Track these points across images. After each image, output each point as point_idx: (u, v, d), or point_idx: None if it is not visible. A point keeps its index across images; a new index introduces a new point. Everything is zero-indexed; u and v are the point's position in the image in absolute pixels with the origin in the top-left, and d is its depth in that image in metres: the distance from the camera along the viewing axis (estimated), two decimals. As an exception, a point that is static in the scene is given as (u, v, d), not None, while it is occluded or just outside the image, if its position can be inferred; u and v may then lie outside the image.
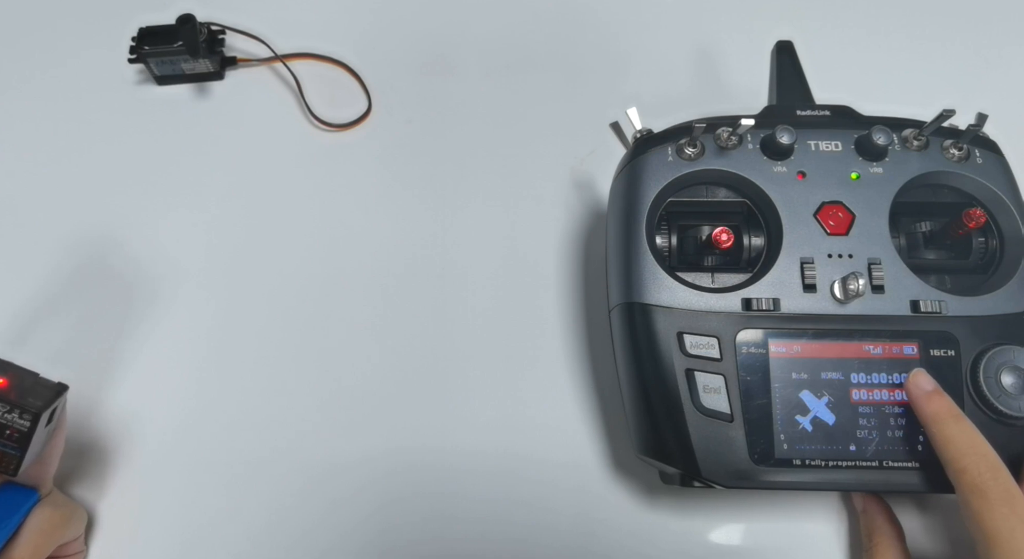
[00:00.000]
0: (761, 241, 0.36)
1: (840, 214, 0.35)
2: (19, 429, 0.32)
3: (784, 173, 0.36)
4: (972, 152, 0.37)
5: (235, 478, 0.41)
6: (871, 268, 0.35)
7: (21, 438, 0.32)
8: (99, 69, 0.52)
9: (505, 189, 0.48)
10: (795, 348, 0.34)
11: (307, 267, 0.46)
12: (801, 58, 0.42)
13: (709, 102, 0.50)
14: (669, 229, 0.37)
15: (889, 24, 0.53)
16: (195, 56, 0.49)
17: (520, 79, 0.51)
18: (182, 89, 0.51)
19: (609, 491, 0.41)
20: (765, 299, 0.34)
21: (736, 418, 0.33)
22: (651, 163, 0.37)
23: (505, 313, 0.45)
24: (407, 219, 0.47)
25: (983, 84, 0.51)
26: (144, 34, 0.49)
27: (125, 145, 0.50)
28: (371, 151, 0.49)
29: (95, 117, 0.51)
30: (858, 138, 0.36)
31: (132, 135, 0.50)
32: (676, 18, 0.54)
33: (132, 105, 0.51)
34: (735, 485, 0.33)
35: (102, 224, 0.47)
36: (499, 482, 0.41)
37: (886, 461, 0.33)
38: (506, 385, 0.43)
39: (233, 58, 0.51)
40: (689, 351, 0.34)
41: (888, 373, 0.34)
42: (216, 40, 0.51)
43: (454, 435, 0.42)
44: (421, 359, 0.44)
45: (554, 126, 0.50)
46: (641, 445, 0.36)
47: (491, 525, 0.40)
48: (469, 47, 0.53)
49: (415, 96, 0.51)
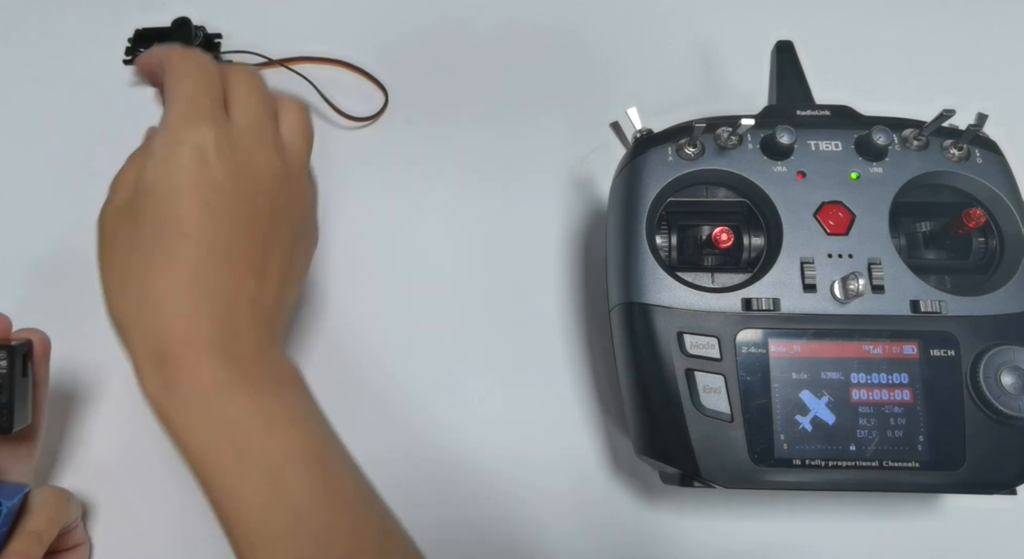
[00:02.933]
0: (761, 241, 0.36)
1: (840, 214, 0.35)
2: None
3: (784, 173, 0.36)
4: (972, 152, 0.37)
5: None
6: (871, 268, 0.35)
7: (3, 380, 0.32)
8: (94, 69, 0.52)
9: (505, 189, 0.48)
10: (795, 348, 0.34)
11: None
12: (801, 58, 0.42)
13: (709, 102, 0.50)
14: (669, 229, 0.37)
15: (889, 24, 0.53)
16: None
17: (520, 79, 0.51)
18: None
19: (609, 491, 0.41)
20: (765, 299, 0.34)
21: (736, 418, 0.33)
22: (651, 163, 0.37)
23: (505, 313, 0.45)
24: (406, 218, 0.47)
25: (983, 84, 0.51)
26: (140, 36, 0.49)
27: (121, 146, 0.50)
28: (370, 151, 0.49)
29: (89, 117, 0.51)
30: (858, 138, 0.36)
31: (128, 137, 0.50)
32: (676, 18, 0.54)
33: (126, 107, 0.51)
34: (735, 485, 0.33)
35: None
36: (499, 481, 0.41)
37: (886, 461, 0.33)
38: (506, 385, 0.43)
39: (230, 62, 0.51)
40: (689, 351, 0.34)
41: (888, 373, 0.34)
42: (213, 45, 0.51)
43: (454, 434, 0.42)
44: (420, 358, 0.44)
45: (554, 126, 0.50)
46: (641, 445, 0.36)
47: (491, 525, 0.40)
48: (469, 47, 0.53)
49: (415, 96, 0.51)
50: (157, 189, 0.30)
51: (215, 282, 0.30)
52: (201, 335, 0.29)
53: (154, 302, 0.29)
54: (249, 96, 0.32)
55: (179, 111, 0.30)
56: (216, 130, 0.31)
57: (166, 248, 0.29)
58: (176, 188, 0.30)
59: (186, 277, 0.29)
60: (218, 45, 0.51)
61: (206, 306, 0.30)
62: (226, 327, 0.30)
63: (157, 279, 0.29)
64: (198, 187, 0.30)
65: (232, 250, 0.31)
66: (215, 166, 0.30)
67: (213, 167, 0.30)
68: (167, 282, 0.29)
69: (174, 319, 0.29)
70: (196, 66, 0.32)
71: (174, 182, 0.30)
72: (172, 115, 0.31)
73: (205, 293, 0.30)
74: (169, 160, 0.30)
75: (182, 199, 0.30)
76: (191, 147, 0.30)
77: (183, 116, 0.30)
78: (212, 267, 0.30)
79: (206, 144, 0.30)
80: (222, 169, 0.30)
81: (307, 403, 0.32)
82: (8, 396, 0.32)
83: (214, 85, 0.32)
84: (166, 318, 0.29)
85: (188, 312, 0.29)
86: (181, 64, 0.32)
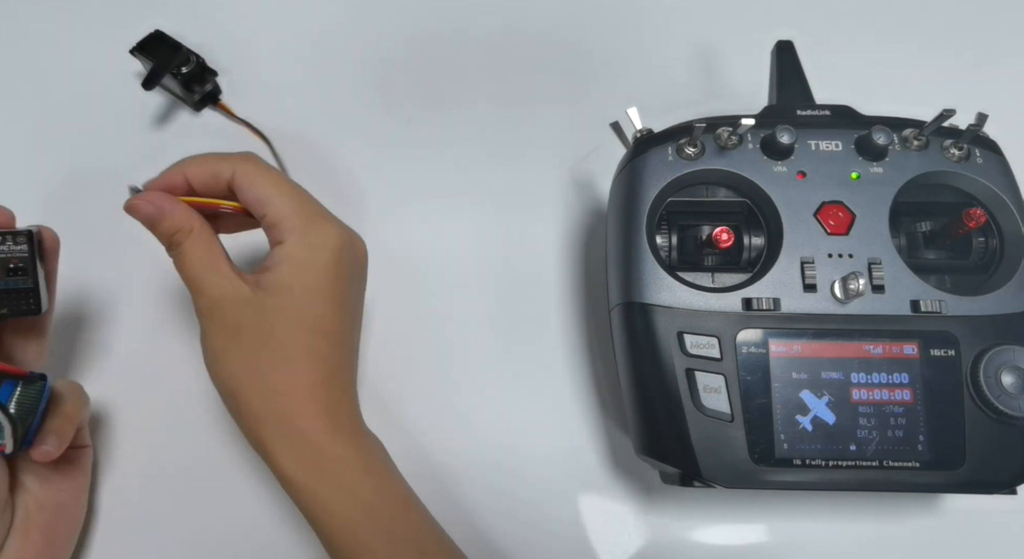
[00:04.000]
0: (761, 241, 0.36)
1: (840, 214, 0.35)
2: (19, 256, 0.32)
3: (784, 173, 0.36)
4: (972, 152, 0.37)
5: (235, 476, 0.41)
6: (871, 268, 0.35)
7: (27, 263, 0.33)
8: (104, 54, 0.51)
9: (505, 189, 0.48)
10: (795, 348, 0.34)
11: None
12: (801, 58, 0.42)
13: (709, 102, 0.50)
14: (669, 229, 0.37)
15: (889, 24, 0.53)
16: (161, 77, 0.47)
17: (520, 79, 0.51)
18: (164, 98, 0.51)
19: (609, 491, 0.41)
20: (765, 299, 0.34)
21: (736, 418, 0.33)
22: (651, 163, 0.37)
23: (505, 313, 0.45)
24: (406, 218, 0.47)
25: (983, 84, 0.51)
26: (154, 38, 0.48)
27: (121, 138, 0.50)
28: (370, 150, 0.49)
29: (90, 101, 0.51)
30: (858, 138, 0.36)
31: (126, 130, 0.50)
32: (676, 18, 0.54)
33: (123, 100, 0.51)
34: (735, 485, 0.33)
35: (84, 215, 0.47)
36: (499, 481, 0.41)
37: (886, 461, 0.33)
38: (506, 385, 0.43)
39: (215, 97, 0.50)
40: (689, 351, 0.34)
41: (888, 373, 0.34)
42: (205, 77, 0.49)
43: (454, 434, 0.42)
44: (420, 358, 0.44)
45: (554, 126, 0.50)
46: (641, 445, 0.36)
47: (491, 524, 0.40)
48: (469, 47, 0.52)
49: (415, 96, 0.51)
50: (295, 289, 0.32)
51: (341, 371, 0.33)
52: (335, 421, 0.32)
53: (291, 394, 0.32)
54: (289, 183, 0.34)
55: (299, 213, 0.33)
56: (340, 228, 0.34)
57: (303, 345, 0.32)
58: (316, 288, 0.32)
59: (322, 372, 0.32)
60: (214, 82, 0.50)
61: (336, 393, 0.33)
62: (342, 405, 0.33)
63: (295, 373, 0.32)
64: (335, 285, 0.32)
65: (350, 338, 0.34)
66: (343, 263, 0.33)
67: (343, 265, 0.33)
68: (306, 377, 0.32)
69: (314, 409, 0.32)
70: (277, 174, 0.34)
71: (313, 282, 0.32)
72: (293, 218, 0.32)
73: (336, 383, 0.33)
74: (307, 261, 0.32)
75: (321, 299, 0.32)
76: (329, 250, 0.32)
77: (307, 218, 0.33)
78: (342, 358, 0.33)
79: (338, 244, 0.33)
80: (346, 264, 0.33)
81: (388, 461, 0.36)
82: (33, 280, 0.33)
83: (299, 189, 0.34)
84: (307, 408, 0.32)
85: (325, 402, 0.32)
86: (267, 173, 0.33)
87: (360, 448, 0.33)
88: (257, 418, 0.32)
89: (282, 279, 0.32)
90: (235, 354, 0.32)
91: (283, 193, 0.33)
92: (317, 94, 0.51)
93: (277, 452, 0.31)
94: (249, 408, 0.32)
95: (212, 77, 0.49)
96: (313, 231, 0.32)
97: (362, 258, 0.36)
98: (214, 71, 0.49)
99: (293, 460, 0.31)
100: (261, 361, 0.32)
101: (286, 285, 0.32)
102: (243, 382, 0.32)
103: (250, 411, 0.32)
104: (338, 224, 0.34)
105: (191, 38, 0.49)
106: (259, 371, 0.32)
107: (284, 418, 0.31)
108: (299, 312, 0.32)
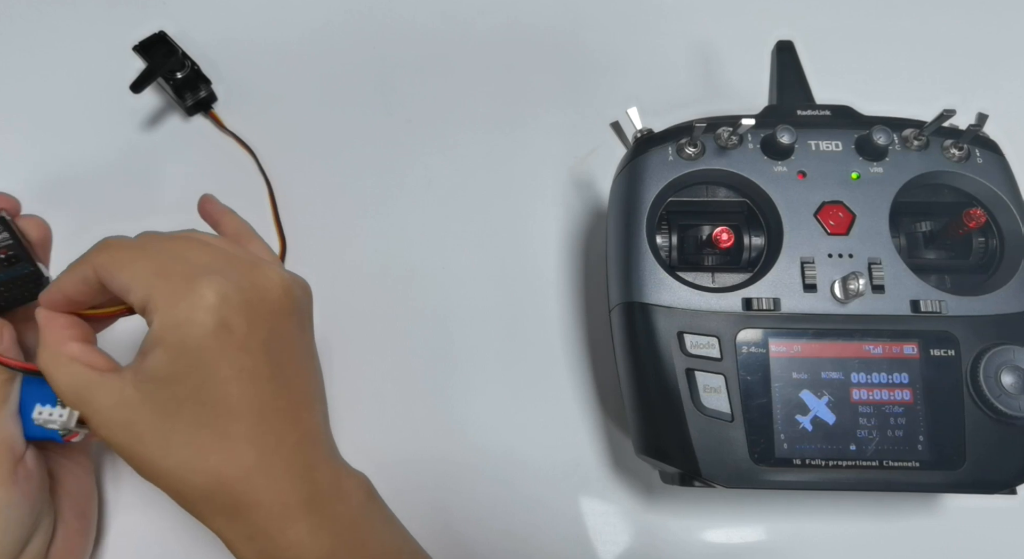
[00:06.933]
0: (761, 241, 0.36)
1: (840, 214, 0.35)
2: (4, 244, 0.32)
3: (784, 173, 0.36)
4: (972, 152, 0.37)
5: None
6: (871, 268, 0.35)
7: (15, 248, 0.32)
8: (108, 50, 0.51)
9: (505, 189, 0.48)
10: (795, 348, 0.34)
11: (306, 266, 0.46)
12: (801, 58, 0.42)
13: (709, 102, 0.51)
14: (669, 229, 0.37)
15: (889, 24, 0.53)
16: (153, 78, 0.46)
17: (520, 79, 0.51)
18: (158, 98, 0.50)
19: (609, 491, 0.41)
20: (765, 299, 0.34)
21: (736, 418, 0.33)
22: (651, 163, 0.37)
23: (505, 313, 0.45)
24: (406, 218, 0.47)
25: (983, 84, 0.51)
26: (156, 39, 0.48)
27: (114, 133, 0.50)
28: (370, 151, 0.49)
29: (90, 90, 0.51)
30: (858, 138, 0.36)
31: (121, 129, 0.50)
32: (676, 18, 0.54)
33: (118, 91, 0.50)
34: (735, 485, 0.33)
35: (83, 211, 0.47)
36: (499, 481, 0.41)
37: (886, 461, 0.33)
38: (506, 385, 0.43)
39: (208, 105, 0.49)
40: (689, 351, 0.34)
41: (888, 373, 0.34)
42: (199, 85, 0.49)
43: (454, 434, 0.42)
44: (420, 358, 0.44)
45: (554, 125, 0.50)
46: (641, 445, 0.36)
47: (491, 524, 0.40)
48: (469, 47, 0.53)
49: (415, 96, 0.51)
50: (178, 374, 0.28)
51: (281, 444, 0.29)
52: (284, 497, 0.29)
53: (226, 482, 0.28)
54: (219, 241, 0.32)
55: (160, 288, 0.28)
56: (217, 282, 0.28)
57: (217, 431, 0.28)
58: (205, 362, 0.28)
59: (253, 456, 0.28)
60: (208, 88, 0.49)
61: (282, 462, 0.29)
62: (293, 470, 0.29)
63: (227, 463, 0.28)
64: (225, 350, 0.28)
65: (278, 401, 0.29)
66: (232, 318, 0.28)
67: (232, 320, 0.28)
68: (237, 466, 0.28)
69: (253, 493, 0.28)
70: (134, 250, 0.30)
71: (196, 359, 0.28)
72: (155, 297, 0.28)
73: (279, 457, 0.29)
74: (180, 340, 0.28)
75: (214, 373, 0.28)
76: (204, 312, 0.28)
77: (171, 290, 0.28)
78: (271, 433, 0.29)
79: (214, 303, 0.28)
80: (243, 314, 0.28)
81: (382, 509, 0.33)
82: (31, 263, 0.33)
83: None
84: (248, 495, 0.28)
85: (266, 480, 0.29)
86: (121, 253, 0.30)
87: (321, 526, 0.29)
88: (203, 516, 0.29)
89: (159, 366, 0.28)
90: (158, 453, 0.28)
91: (138, 273, 0.28)
92: (317, 94, 0.51)
93: (235, 548, 0.29)
94: (191, 506, 0.29)
95: (206, 85, 0.49)
96: (179, 301, 0.28)
97: (274, 293, 0.30)
98: (208, 79, 0.49)
99: (250, 553, 0.29)
100: (184, 455, 0.28)
101: (165, 373, 0.28)
102: (179, 471, 0.28)
103: (195, 510, 0.29)
104: (214, 279, 0.28)
105: (199, 40, 0.49)
106: (189, 462, 0.28)
107: (234, 511, 0.28)
108: (196, 396, 0.28)
